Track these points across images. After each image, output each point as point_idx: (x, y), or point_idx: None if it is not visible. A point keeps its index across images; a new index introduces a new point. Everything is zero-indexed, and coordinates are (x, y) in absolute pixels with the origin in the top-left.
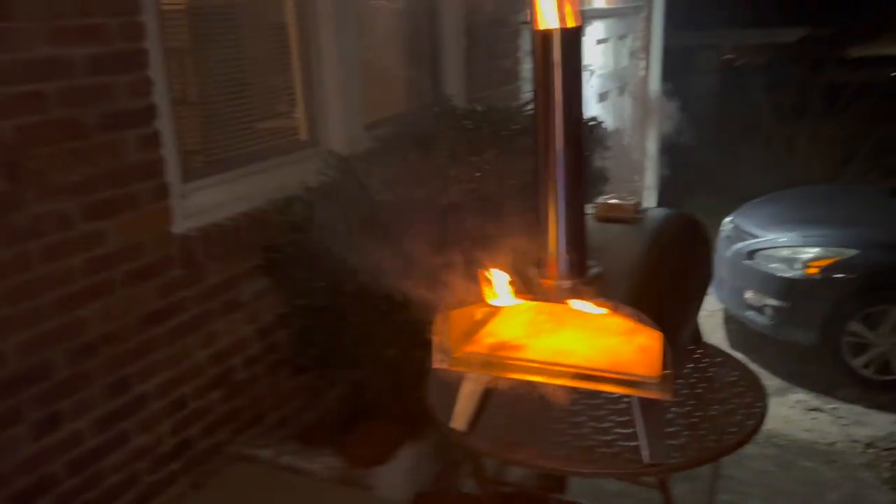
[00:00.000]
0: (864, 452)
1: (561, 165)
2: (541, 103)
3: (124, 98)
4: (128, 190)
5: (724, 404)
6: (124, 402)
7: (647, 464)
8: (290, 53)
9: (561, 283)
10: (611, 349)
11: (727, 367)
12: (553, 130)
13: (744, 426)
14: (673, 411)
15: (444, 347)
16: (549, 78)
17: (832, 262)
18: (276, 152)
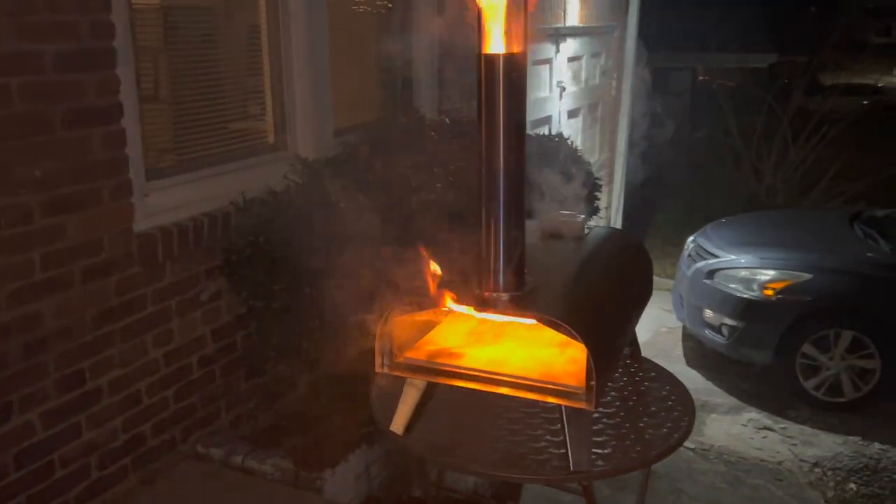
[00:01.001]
0: (810, 472)
1: (502, 184)
2: (484, 124)
3: (91, 95)
4: (90, 186)
5: (654, 417)
6: (77, 396)
7: (572, 471)
8: (262, 57)
9: (498, 296)
10: (544, 360)
11: (660, 382)
12: (496, 151)
13: (669, 439)
14: (604, 422)
15: (385, 353)
16: (493, 100)
17: (787, 284)
18: (243, 155)
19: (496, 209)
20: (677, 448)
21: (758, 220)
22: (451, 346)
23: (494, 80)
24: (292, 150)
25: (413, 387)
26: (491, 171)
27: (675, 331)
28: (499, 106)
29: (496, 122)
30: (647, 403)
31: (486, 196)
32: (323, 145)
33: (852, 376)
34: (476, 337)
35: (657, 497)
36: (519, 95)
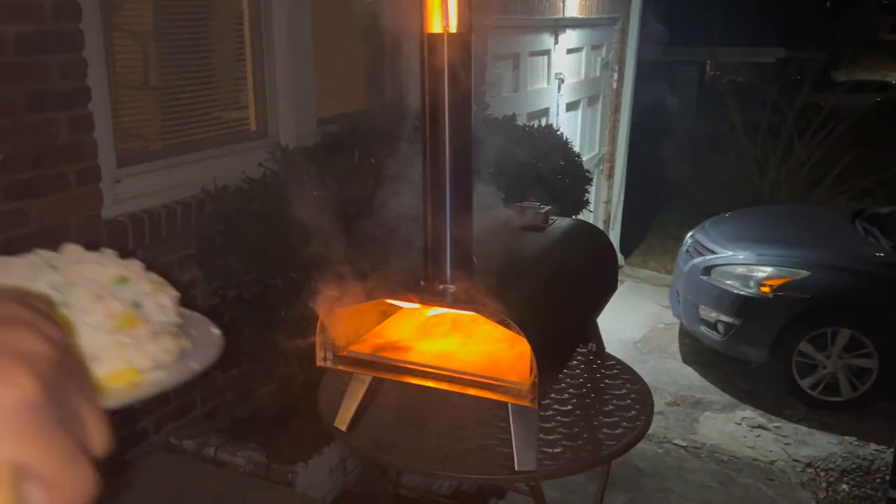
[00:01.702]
0: (803, 472)
1: (448, 171)
2: (427, 108)
3: (56, 78)
4: (55, 171)
5: (609, 416)
6: None
7: (517, 470)
8: (244, 42)
9: (444, 287)
10: (493, 355)
11: (622, 380)
12: (440, 136)
13: (622, 439)
14: (557, 419)
15: (328, 346)
16: (437, 84)
17: (784, 281)
18: (222, 141)
19: (440, 195)
20: (630, 448)
21: (758, 216)
22: (399, 340)
23: (438, 60)
24: (273, 137)
25: (359, 381)
26: (435, 154)
27: (673, 327)
28: (443, 85)
29: (440, 103)
30: (605, 401)
31: (429, 181)
32: (305, 133)
33: (849, 375)
34: (427, 330)
35: (644, 496)
36: (464, 76)
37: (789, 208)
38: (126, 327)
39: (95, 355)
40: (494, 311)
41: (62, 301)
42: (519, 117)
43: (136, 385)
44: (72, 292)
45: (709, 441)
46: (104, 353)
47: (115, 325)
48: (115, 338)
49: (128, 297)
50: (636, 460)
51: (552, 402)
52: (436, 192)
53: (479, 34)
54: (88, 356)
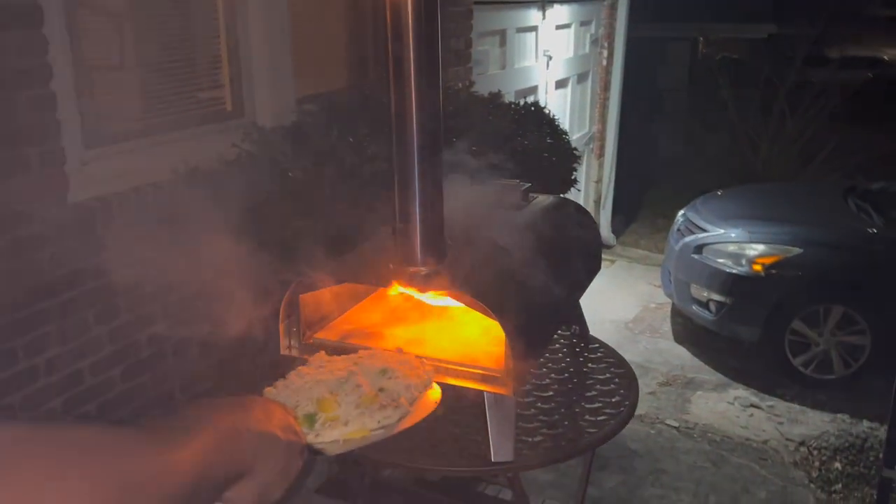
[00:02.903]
0: (796, 451)
1: (416, 146)
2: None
3: (13, 56)
4: (15, 153)
5: (592, 402)
6: (9, 376)
7: (493, 462)
8: (218, 18)
9: (416, 270)
10: (468, 341)
11: (605, 363)
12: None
13: (604, 426)
14: (538, 406)
15: (291, 333)
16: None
17: (776, 259)
18: (196, 121)
19: (409, 175)
20: (613, 436)
21: (749, 193)
22: (369, 326)
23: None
24: (250, 117)
25: None
26: (401, 129)
27: (664, 307)
28: (408, 56)
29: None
30: (588, 387)
31: (396, 157)
32: (282, 113)
33: (842, 353)
34: (398, 315)
35: (637, 477)
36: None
37: (781, 185)
38: (368, 404)
39: (346, 420)
40: (466, 294)
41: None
42: (507, 95)
43: (365, 438)
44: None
45: (701, 421)
46: (351, 419)
47: (361, 402)
48: (359, 410)
49: (379, 383)
50: (628, 441)
51: (532, 388)
52: (403, 167)
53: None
54: (342, 420)
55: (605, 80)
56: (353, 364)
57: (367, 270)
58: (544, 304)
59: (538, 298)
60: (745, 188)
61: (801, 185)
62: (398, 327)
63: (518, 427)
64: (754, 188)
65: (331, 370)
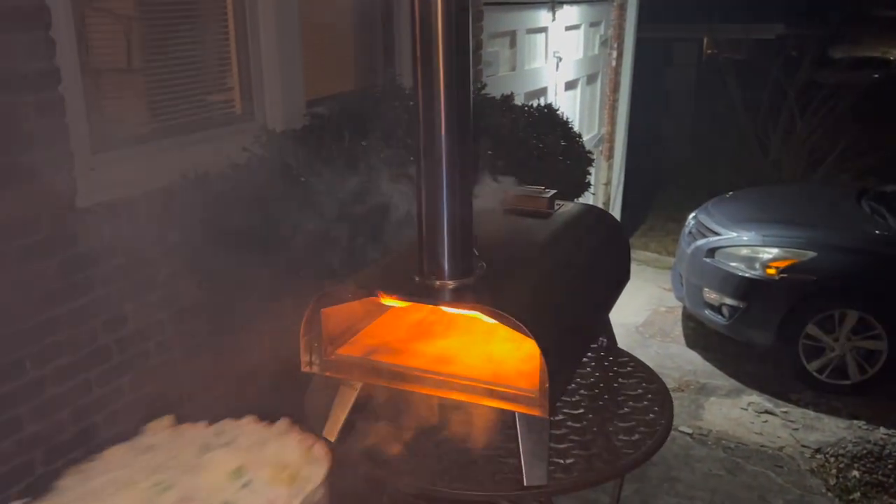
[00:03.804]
0: (812, 458)
1: (444, 153)
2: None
3: (20, 59)
4: (22, 159)
5: (625, 420)
6: (16, 386)
7: (525, 486)
8: (227, 21)
9: (443, 284)
10: (496, 358)
11: (636, 378)
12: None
13: (640, 447)
14: (568, 425)
15: (313, 349)
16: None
17: (791, 263)
18: (205, 125)
19: (437, 181)
20: (650, 457)
21: (761, 195)
22: (393, 341)
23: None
24: (259, 120)
25: (349, 387)
26: (429, 135)
27: (675, 310)
28: (437, 56)
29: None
30: (620, 403)
31: (424, 166)
32: (292, 116)
33: (858, 358)
34: (423, 329)
35: (650, 486)
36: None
37: (793, 188)
38: None
39: None
40: (498, 311)
41: None
42: (517, 97)
43: None
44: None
45: (715, 427)
46: None
47: None
48: None
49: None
50: None
51: (562, 405)
52: (430, 177)
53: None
54: None
55: (615, 82)
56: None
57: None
58: (577, 319)
59: (571, 313)
60: (756, 190)
61: (814, 187)
62: (423, 342)
63: (549, 447)
64: (766, 190)
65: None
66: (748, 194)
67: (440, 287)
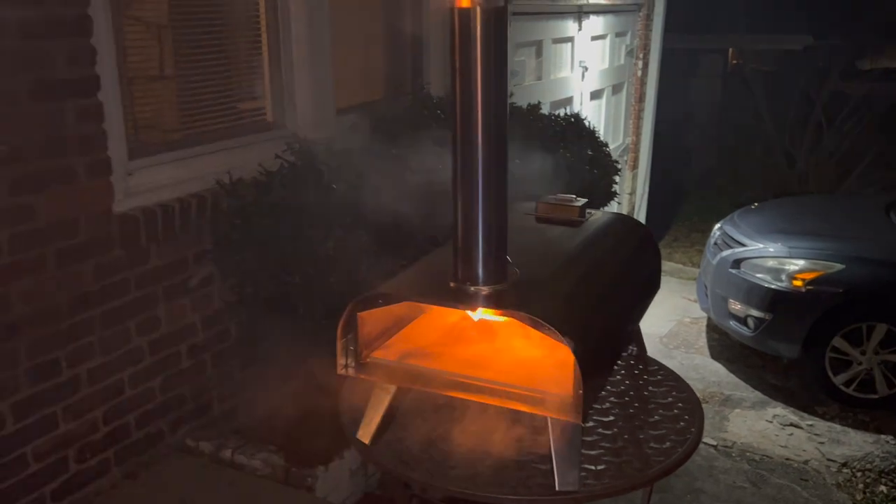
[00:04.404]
0: (838, 472)
1: (480, 161)
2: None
3: (62, 66)
4: (63, 164)
5: (656, 428)
6: (52, 385)
7: (557, 491)
8: (260, 31)
9: (478, 289)
10: (530, 363)
11: (666, 386)
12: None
13: (672, 454)
14: (599, 432)
15: (349, 352)
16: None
17: (818, 275)
18: (238, 132)
19: (473, 189)
20: (682, 465)
21: (788, 207)
22: (427, 345)
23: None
24: (291, 128)
25: (383, 391)
26: (467, 143)
27: (700, 321)
28: (475, 68)
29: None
30: (650, 411)
31: (461, 174)
32: (323, 124)
33: (885, 372)
34: (456, 334)
35: (674, 497)
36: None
37: (820, 199)
38: None
39: None
40: (533, 316)
41: None
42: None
43: None
44: None
45: (739, 440)
46: None
47: None
48: None
49: None
50: None
51: (593, 411)
52: (466, 184)
53: None
54: None
55: (640, 92)
56: None
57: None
58: (610, 326)
59: (603, 320)
60: (782, 202)
61: (841, 198)
62: (457, 347)
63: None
64: (792, 202)
65: None
66: (774, 206)
67: (475, 293)
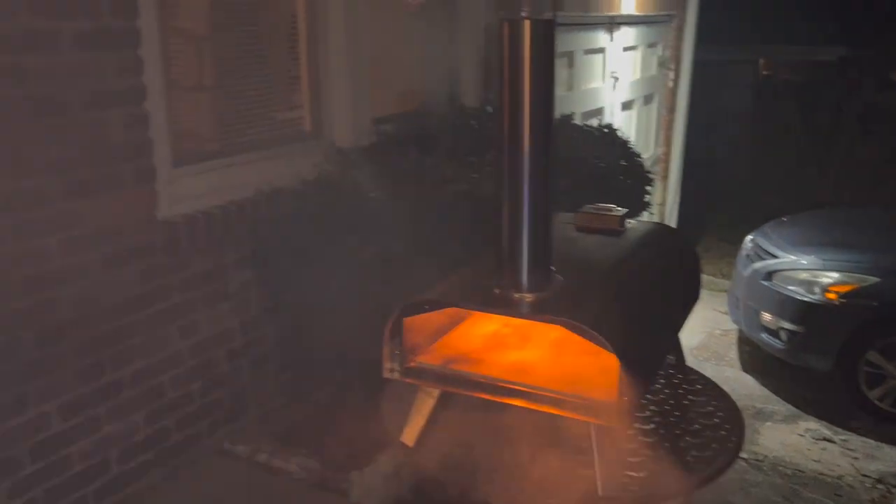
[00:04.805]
0: (872, 488)
1: (527, 170)
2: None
3: (111, 76)
4: (110, 171)
5: (697, 436)
6: (96, 387)
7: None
8: (299, 42)
9: (520, 296)
10: (573, 370)
11: (706, 396)
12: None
13: (713, 462)
14: (640, 440)
15: (395, 356)
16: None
17: (852, 288)
18: (277, 142)
19: (519, 197)
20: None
21: (821, 218)
22: (470, 351)
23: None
24: (328, 138)
25: (427, 394)
26: (514, 154)
27: (730, 333)
28: (524, 79)
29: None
30: (691, 420)
31: (507, 182)
32: (360, 134)
33: None
34: (499, 340)
35: None
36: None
37: (854, 211)
38: None
39: None
40: (578, 323)
41: None
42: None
43: None
44: None
45: (771, 453)
46: None
47: None
48: None
49: None
50: None
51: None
52: (513, 192)
53: None
54: None
55: (671, 102)
56: None
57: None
58: (653, 334)
59: (647, 329)
60: (815, 214)
61: (875, 211)
62: (500, 353)
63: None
64: (825, 214)
65: None
66: (807, 217)
67: (519, 299)
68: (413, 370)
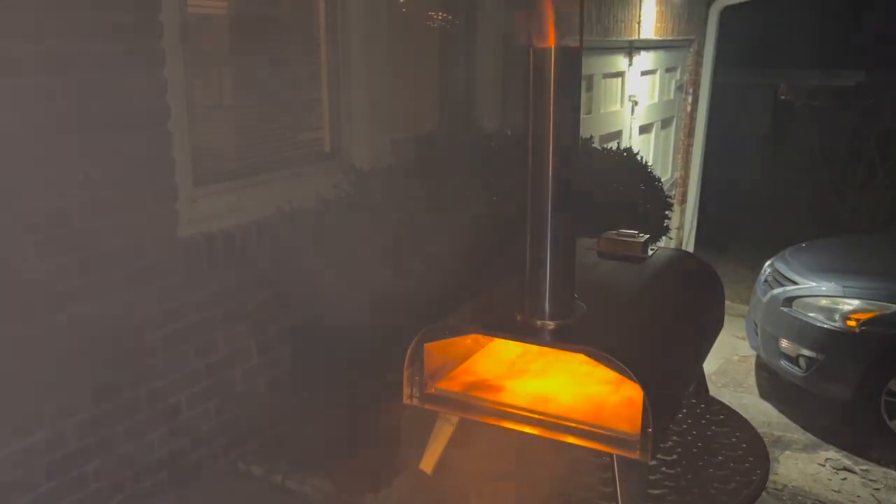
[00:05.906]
0: None
1: (550, 195)
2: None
3: (136, 96)
4: (132, 190)
5: (720, 468)
6: (113, 406)
7: None
8: (319, 63)
9: (543, 324)
10: (595, 399)
11: (729, 427)
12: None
13: (737, 495)
14: (663, 471)
15: (415, 382)
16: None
17: (873, 315)
18: (296, 162)
19: (542, 225)
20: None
21: (841, 245)
22: (491, 378)
23: (545, 78)
24: (347, 159)
25: (446, 422)
26: (538, 179)
27: (749, 359)
28: (549, 106)
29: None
30: (714, 451)
31: (531, 210)
32: (379, 155)
33: None
34: (519, 368)
35: None
36: (572, 95)
37: (874, 238)
38: None
39: None
40: (602, 352)
41: None
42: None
43: None
44: None
45: (790, 483)
46: None
47: None
48: None
49: None
50: None
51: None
52: (536, 220)
53: None
54: None
55: (690, 127)
56: None
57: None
58: (676, 364)
59: (670, 358)
60: (835, 240)
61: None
62: (520, 380)
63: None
64: (845, 240)
65: None
66: (827, 244)
67: (541, 327)
68: (433, 396)
